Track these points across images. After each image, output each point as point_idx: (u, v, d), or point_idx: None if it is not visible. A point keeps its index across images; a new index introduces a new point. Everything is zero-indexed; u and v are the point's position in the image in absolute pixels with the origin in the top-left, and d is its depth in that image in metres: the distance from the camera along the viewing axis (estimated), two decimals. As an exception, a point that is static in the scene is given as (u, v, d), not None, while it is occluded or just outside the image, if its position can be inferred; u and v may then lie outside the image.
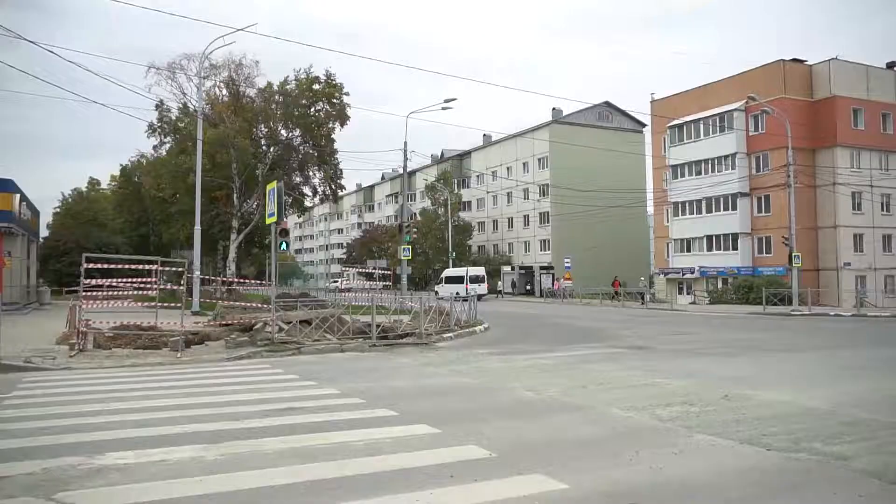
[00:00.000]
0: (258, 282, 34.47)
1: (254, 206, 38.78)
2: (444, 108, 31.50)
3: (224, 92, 39.62)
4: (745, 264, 41.79)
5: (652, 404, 8.29)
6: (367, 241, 76.84)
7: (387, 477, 5.19)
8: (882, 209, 41.94)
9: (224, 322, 17.94)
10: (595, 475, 5.27)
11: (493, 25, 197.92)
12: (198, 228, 26.51)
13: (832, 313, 30.14)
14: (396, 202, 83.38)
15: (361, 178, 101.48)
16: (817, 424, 7.14)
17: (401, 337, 17.07)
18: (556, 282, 48.12)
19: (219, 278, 32.74)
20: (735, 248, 42.48)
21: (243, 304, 22.33)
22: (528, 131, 64.88)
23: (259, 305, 21.72)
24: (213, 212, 39.01)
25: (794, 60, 42.42)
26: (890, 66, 44.09)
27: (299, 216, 61.42)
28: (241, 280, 33.46)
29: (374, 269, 38.45)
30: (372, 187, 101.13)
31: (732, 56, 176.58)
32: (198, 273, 26.08)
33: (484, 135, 73.06)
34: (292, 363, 13.06)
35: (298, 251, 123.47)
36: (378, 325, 16.77)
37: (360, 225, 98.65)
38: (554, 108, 64.66)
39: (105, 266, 19.83)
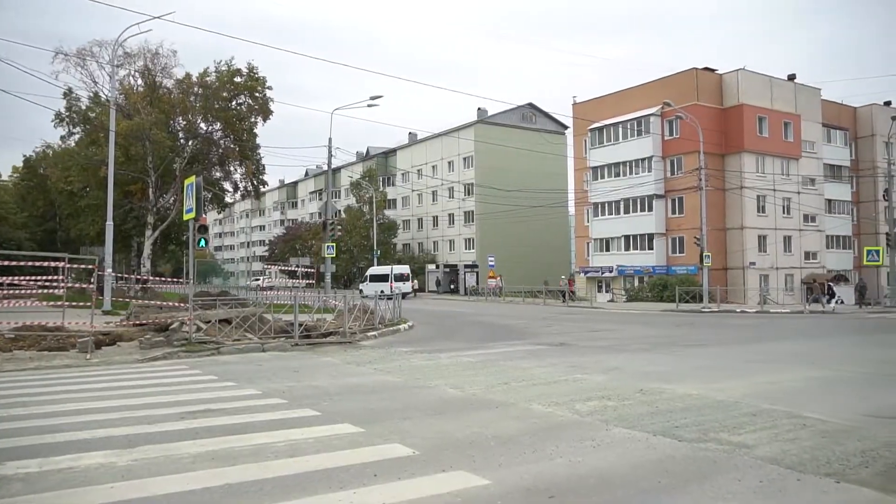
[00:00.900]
0: (175, 280, 33.23)
1: (171, 202, 37.37)
2: (369, 106, 31.35)
3: (139, 82, 38.03)
4: (660, 263, 43.50)
5: (572, 399, 8.52)
6: (290, 238, 75.42)
7: (309, 478, 5.12)
8: (783, 212, 44.56)
9: (138, 322, 17.23)
10: (516, 470, 5.37)
11: (420, 24, 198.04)
12: (110, 224, 25.30)
13: (738, 310, 31.82)
14: (321, 199, 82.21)
15: (285, 174, 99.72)
16: (724, 415, 7.53)
17: (324, 336, 16.86)
18: (491, 278, 48.52)
19: (133, 276, 31.37)
20: (651, 248, 44.15)
21: (159, 303, 21.49)
22: (454, 130, 65.31)
23: (176, 304, 20.96)
24: (126, 206, 37.38)
25: (706, 69, 44.45)
26: (791, 77, 46.87)
27: (219, 212, 59.72)
28: (157, 278, 32.18)
29: (298, 266, 37.74)
30: (295, 184, 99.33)
31: (650, 63, 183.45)
32: (109, 270, 24.91)
33: (410, 133, 73.08)
34: (211, 363, 12.67)
35: (218, 248, 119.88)
36: (301, 324, 16.50)
37: (282, 222, 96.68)
38: (479, 108, 65.37)
39: (6, 263, 18.65)
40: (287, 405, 8.20)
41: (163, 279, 32.97)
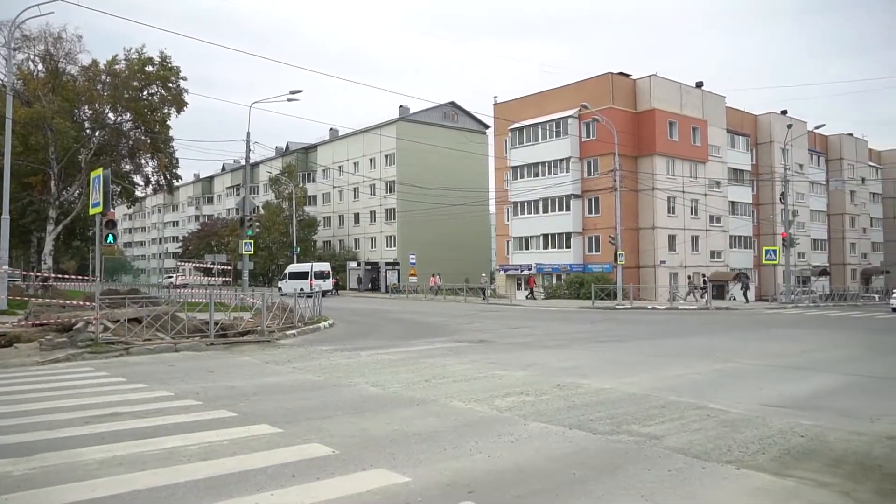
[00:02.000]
0: (80, 277, 31.50)
1: (75, 195, 35.39)
2: (289, 100, 30.72)
3: (40, 67, 35.79)
4: (577, 262, 44.73)
5: (491, 395, 8.65)
6: (206, 234, 72.96)
7: (224, 480, 4.98)
8: (691, 213, 46.73)
9: (38, 322, 16.21)
10: (436, 467, 5.41)
11: (341, 20, 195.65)
12: (6, 217, 23.67)
13: (650, 307, 33.15)
14: (238, 194, 79.83)
15: (200, 168, 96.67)
16: (636, 408, 7.84)
17: (241, 335, 16.42)
18: (432, 277, 48.28)
19: (32, 273, 29.54)
20: (568, 247, 45.32)
21: (62, 301, 20.32)
22: (376, 127, 64.91)
23: (81, 303, 19.87)
24: (25, 199, 35.14)
25: (621, 74, 46.02)
26: (699, 85, 49.16)
27: (129, 207, 56.96)
28: (60, 275, 30.41)
29: (213, 264, 36.57)
30: (211, 178, 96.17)
31: (568, 65, 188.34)
32: (6, 267, 23.36)
33: (331, 129, 72.09)
34: (119, 365, 12.10)
35: (128, 244, 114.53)
36: (217, 323, 16.01)
37: (197, 217, 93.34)
38: (401, 106, 65.31)
39: None
40: (201, 407, 7.94)
41: (66, 276, 31.20)
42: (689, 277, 39.76)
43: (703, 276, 42.27)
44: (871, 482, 5.13)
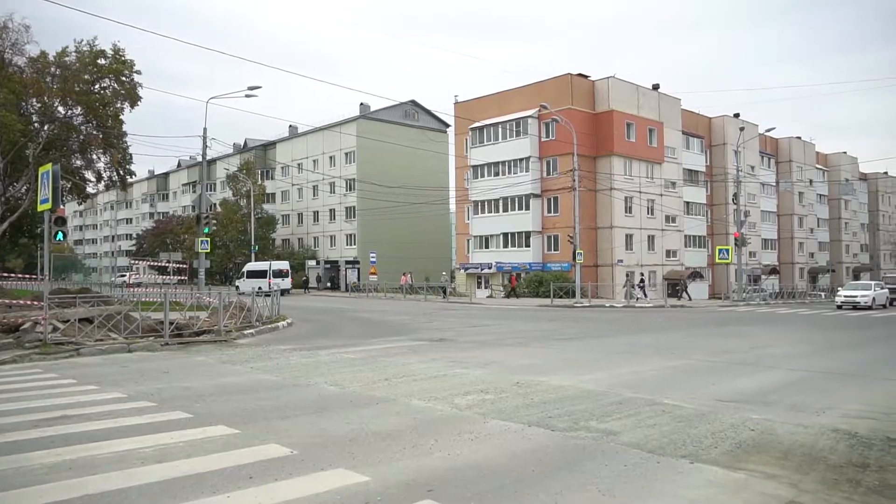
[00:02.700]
0: (28, 276, 30.49)
1: (22, 191, 34.20)
2: (247, 96, 30.19)
3: (-16, 58, 34.43)
4: (537, 260, 45.12)
5: (451, 394, 8.68)
6: (161, 232, 71.36)
7: (180, 483, 4.89)
8: (648, 213, 47.58)
9: (-18, 322, 15.63)
10: (396, 466, 5.40)
11: (302, 16, 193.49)
12: (-52, 214, 22.81)
13: (607, 305, 33.70)
14: (194, 191, 78.28)
15: (155, 164, 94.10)
16: (593, 405, 7.96)
17: (197, 334, 16.13)
18: (403, 276, 47.41)
19: (-24, 272, 28.47)
20: (528, 246, 45.67)
21: (8, 301, 19.64)
22: (336, 125, 64.35)
23: (28, 303, 19.24)
24: (-32, 195, 33.83)
25: (580, 75, 46.57)
26: (655, 87, 50.08)
27: (80, 203, 55.45)
28: (6, 274, 29.38)
29: (169, 262, 35.76)
30: (167, 175, 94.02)
31: (528, 66, 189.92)
32: (-52, 266, 22.46)
33: (290, 126, 71.24)
34: (70, 366, 11.76)
35: (78, 242, 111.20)
36: (172, 322, 15.69)
37: (152, 215, 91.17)
38: (362, 104, 64.88)
39: None
40: (156, 408, 7.77)
41: (13, 275, 30.16)
42: (626, 276, 40.55)
43: (641, 274, 43.17)
44: (816, 473, 5.31)
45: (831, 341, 16.63)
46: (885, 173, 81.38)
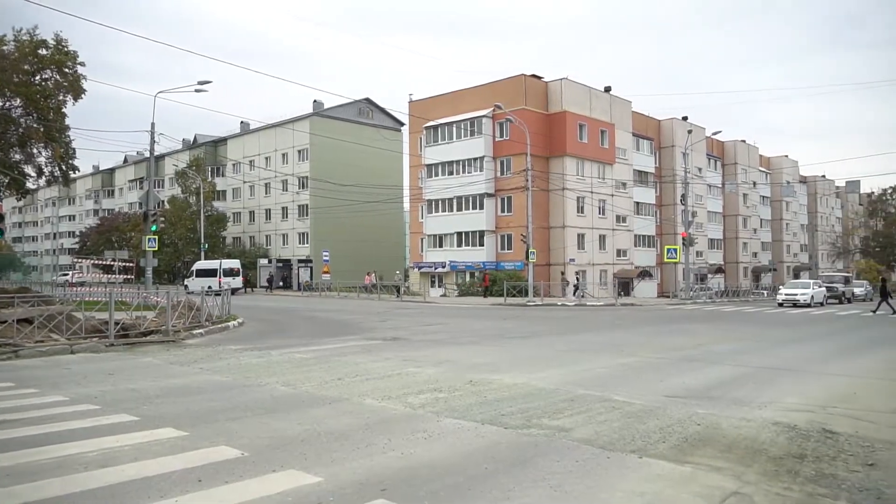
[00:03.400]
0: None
1: (-43, 186, 32.75)
2: (197, 91, 29.51)
3: (-87, 45, 32.80)
4: (490, 259, 45.41)
5: (405, 393, 8.68)
6: (106, 229, 69.23)
7: (125, 488, 4.76)
8: (599, 213, 48.39)
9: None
10: (349, 466, 5.37)
11: (255, 11, 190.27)
12: None
13: (559, 303, 34.15)
14: (141, 188, 76.19)
15: (100, 159, 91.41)
16: (546, 402, 8.06)
17: (144, 335, 15.72)
18: (367, 275, 46.51)
19: None
20: (482, 245, 45.93)
21: (-60, 301, 18.73)
22: (289, 122, 63.48)
23: (-38, 303, 18.40)
24: None
25: (534, 76, 47.03)
26: (607, 89, 50.95)
27: (19, 199, 53.21)
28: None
29: (114, 261, 34.76)
30: (112, 171, 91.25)
31: (482, 66, 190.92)
32: None
33: (241, 122, 69.95)
34: (8, 369, 11.30)
35: (17, 240, 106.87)
36: (117, 323, 15.24)
37: (97, 212, 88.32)
38: (315, 101, 64.17)
39: None
40: (100, 411, 7.54)
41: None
42: (561, 273, 41.23)
43: (576, 273, 43.83)
44: (758, 465, 5.50)
45: (773, 338, 17.21)
46: (823, 176, 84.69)
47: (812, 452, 5.93)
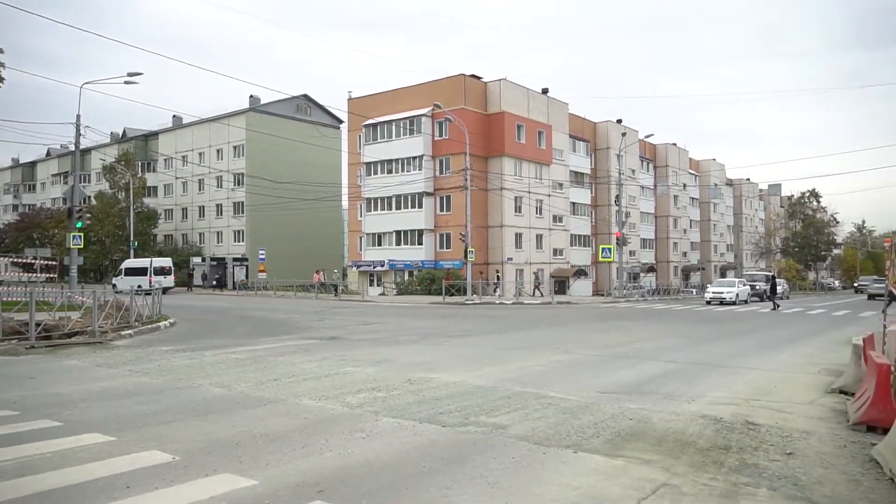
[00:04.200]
0: None
1: None
2: (127, 83, 28.46)
3: None
4: (429, 258, 45.47)
5: (342, 392, 8.61)
6: (26, 226, 65.79)
7: (46, 497, 4.55)
8: (536, 213, 49.11)
9: None
10: (285, 468, 5.29)
11: (188, 3, 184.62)
12: None
13: (497, 302, 34.50)
14: (65, 182, 72.87)
15: (20, 152, 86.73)
16: (483, 400, 8.14)
17: (69, 336, 15.05)
18: (316, 273, 44.95)
19: None
20: (420, 243, 45.95)
21: None
22: (224, 117, 61.89)
23: None
24: None
25: (473, 76, 47.32)
26: (544, 91, 51.77)
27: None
28: None
29: (35, 258, 33.11)
30: (34, 164, 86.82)
31: (422, 64, 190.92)
32: None
33: (174, 116, 67.76)
34: (-85, 374, 10.63)
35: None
36: (38, 324, 14.54)
37: (16, 207, 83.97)
38: (251, 96, 62.76)
39: None
40: (18, 417, 7.18)
41: None
42: (480, 273, 41.75)
43: (497, 272, 44.32)
44: (686, 457, 5.72)
45: (701, 335, 17.87)
46: (748, 179, 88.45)
47: (736, 444, 6.20)
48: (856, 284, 63.39)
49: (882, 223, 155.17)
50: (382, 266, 46.88)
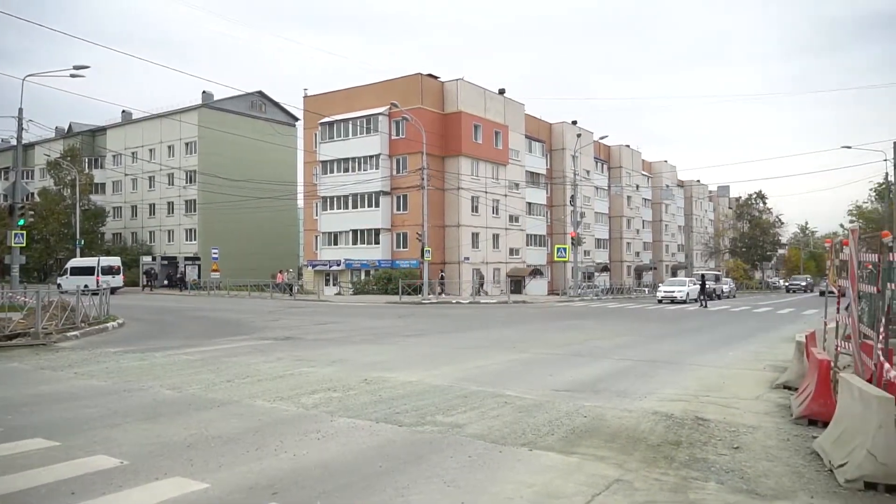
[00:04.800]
0: None
1: None
2: (73, 76, 27.54)
3: None
4: (386, 257, 45.31)
5: (297, 393, 8.51)
6: (-37, 223, 63.16)
7: (-14, 505, 4.38)
8: (493, 212, 49.42)
9: None
10: (238, 470, 5.21)
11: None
12: None
13: (454, 301, 34.60)
14: (6, 178, 70.18)
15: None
16: (440, 399, 8.15)
17: (10, 338, 14.51)
18: (280, 273, 43.71)
19: None
20: (377, 243, 45.76)
21: None
22: (175, 113, 60.42)
23: None
24: None
25: (430, 76, 47.32)
26: (501, 92, 52.11)
27: None
28: None
29: (-27, 257, 31.83)
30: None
31: (378, 63, 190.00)
32: None
33: (123, 111, 65.90)
34: None
35: None
36: (-23, 326, 13.97)
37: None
38: (204, 92, 61.44)
39: None
40: (-44, 422, 6.89)
41: None
42: (440, 272, 41.95)
43: (441, 272, 44.49)
44: (638, 453, 5.83)
45: (652, 333, 18.25)
46: (698, 181, 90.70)
47: (686, 439, 6.35)
48: (786, 284, 68.16)
49: (823, 224, 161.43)
50: (339, 265, 46.50)
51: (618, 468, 5.36)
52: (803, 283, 65.10)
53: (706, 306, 32.00)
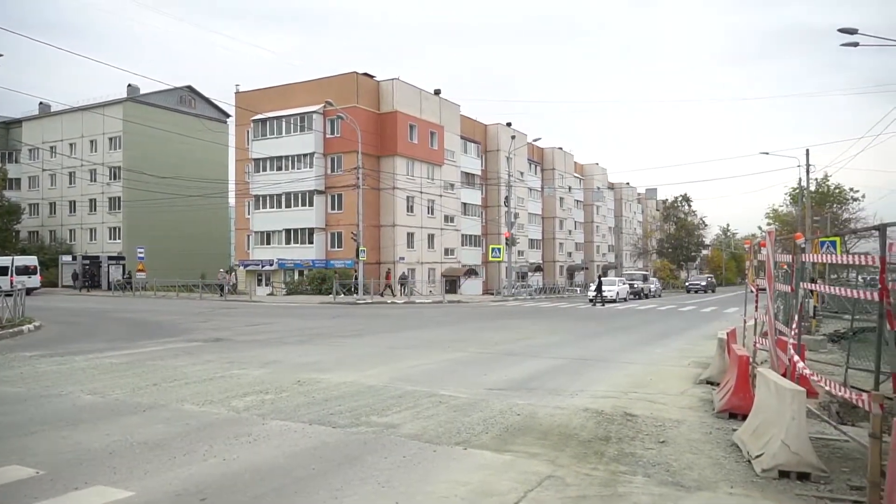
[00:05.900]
0: None
1: None
2: (-16, 64, 26.00)
3: None
4: (320, 257, 44.74)
5: (228, 396, 8.30)
6: None
7: None
8: (428, 212, 49.55)
9: None
10: (165, 477, 5.04)
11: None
12: None
13: (389, 301, 34.48)
14: None
15: None
16: (374, 399, 8.11)
17: (-88, 343, 13.57)
18: (226, 273, 41.99)
19: None
20: (311, 242, 45.12)
21: None
22: (98, 106, 57.84)
23: None
24: None
25: (366, 75, 47.02)
26: (437, 92, 52.27)
27: None
28: None
29: None
30: None
31: (312, 60, 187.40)
32: None
33: (41, 103, 62.64)
34: None
35: None
36: None
37: None
38: (130, 85, 59.07)
39: None
40: None
41: None
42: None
43: (354, 271, 44.40)
44: (570, 449, 5.96)
45: (584, 331, 18.69)
46: (628, 184, 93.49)
47: (616, 434, 6.53)
48: (686, 284, 66.07)
49: (744, 226, 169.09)
50: (271, 265, 45.63)
51: (550, 464, 5.47)
52: (703, 283, 62.22)
53: (597, 305, 33.61)
